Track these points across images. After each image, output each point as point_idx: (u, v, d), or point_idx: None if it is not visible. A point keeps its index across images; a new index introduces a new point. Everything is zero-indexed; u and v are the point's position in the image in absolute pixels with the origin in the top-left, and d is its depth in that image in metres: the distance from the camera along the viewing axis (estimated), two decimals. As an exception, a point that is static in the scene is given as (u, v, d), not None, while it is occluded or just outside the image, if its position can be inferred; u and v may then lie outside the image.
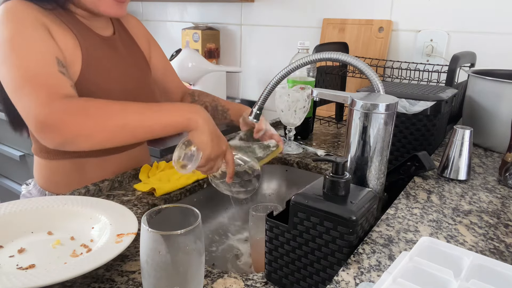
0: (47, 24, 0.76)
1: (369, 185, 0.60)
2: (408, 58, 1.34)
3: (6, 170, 2.08)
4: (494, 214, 0.63)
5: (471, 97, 0.98)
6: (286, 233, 0.52)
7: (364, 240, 0.52)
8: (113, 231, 0.59)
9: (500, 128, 0.91)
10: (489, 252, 0.51)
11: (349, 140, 0.60)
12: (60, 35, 0.77)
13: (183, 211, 0.46)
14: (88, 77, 0.80)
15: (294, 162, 1.02)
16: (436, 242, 0.43)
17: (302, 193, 0.51)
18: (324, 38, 1.52)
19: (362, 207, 0.49)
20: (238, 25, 1.79)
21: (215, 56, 1.86)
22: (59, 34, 0.77)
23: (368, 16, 1.43)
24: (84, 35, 0.82)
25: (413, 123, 0.84)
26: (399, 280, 0.37)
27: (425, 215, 0.61)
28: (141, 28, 1.02)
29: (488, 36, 1.23)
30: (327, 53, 0.71)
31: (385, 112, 0.57)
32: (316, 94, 0.68)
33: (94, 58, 0.82)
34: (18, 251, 0.58)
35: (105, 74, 0.84)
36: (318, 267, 0.50)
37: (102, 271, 0.56)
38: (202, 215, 0.45)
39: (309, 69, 1.09)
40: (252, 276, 0.56)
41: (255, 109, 0.82)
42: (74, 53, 0.79)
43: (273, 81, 0.79)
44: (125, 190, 0.82)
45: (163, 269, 0.41)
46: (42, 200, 0.69)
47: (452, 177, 0.76)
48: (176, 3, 2.00)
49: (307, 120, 1.14)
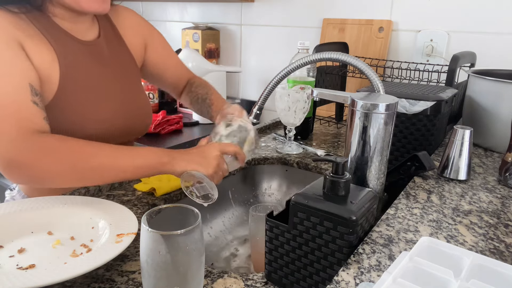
0: (20, 38, 0.71)
1: (369, 185, 0.60)
2: (408, 58, 1.34)
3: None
4: (494, 214, 0.63)
5: (471, 97, 0.98)
6: (286, 233, 0.52)
7: (364, 240, 0.52)
8: (113, 231, 0.59)
9: (500, 128, 0.91)
10: (489, 252, 0.51)
11: (349, 140, 0.60)
12: (35, 50, 0.72)
13: (183, 211, 0.46)
14: (67, 90, 0.76)
15: (294, 162, 1.02)
16: (436, 242, 0.43)
17: (302, 193, 0.51)
18: (324, 38, 1.52)
19: (362, 207, 0.49)
20: (238, 25, 1.79)
21: (215, 56, 1.86)
22: (33, 49, 0.72)
23: (368, 16, 1.43)
24: (62, 44, 0.77)
25: (413, 123, 0.84)
26: (399, 280, 0.37)
27: (425, 215, 0.61)
28: (135, 21, 0.95)
29: (488, 36, 1.23)
30: (327, 53, 0.71)
31: (385, 112, 0.57)
32: (316, 94, 0.68)
33: (73, 68, 0.77)
34: (18, 251, 0.58)
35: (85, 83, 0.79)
36: (318, 267, 0.50)
37: (102, 271, 0.56)
38: (202, 215, 0.45)
39: (309, 69, 1.09)
40: (252, 276, 0.56)
41: (255, 109, 0.82)
42: (50, 67, 0.74)
43: (273, 81, 0.79)
44: (125, 190, 0.82)
45: (163, 269, 0.41)
46: (42, 200, 0.69)
47: (452, 177, 0.76)
48: (176, 3, 2.00)
49: (307, 120, 1.14)
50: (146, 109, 0.93)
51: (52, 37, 0.76)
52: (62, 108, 0.75)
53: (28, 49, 0.72)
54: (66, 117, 0.76)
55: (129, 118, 0.87)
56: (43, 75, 0.73)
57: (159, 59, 0.99)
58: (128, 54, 0.91)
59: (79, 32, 0.81)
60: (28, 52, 0.72)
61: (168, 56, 1.02)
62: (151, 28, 0.99)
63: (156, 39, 0.99)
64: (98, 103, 0.81)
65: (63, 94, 0.76)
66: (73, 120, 0.77)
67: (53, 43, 0.75)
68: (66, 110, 0.76)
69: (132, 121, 0.88)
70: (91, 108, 0.80)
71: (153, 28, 1.00)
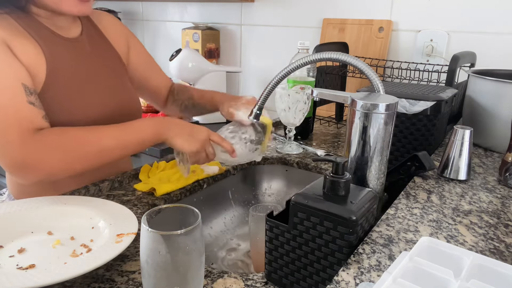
0: (6, 38, 0.71)
1: (369, 185, 0.60)
2: (408, 58, 1.34)
3: None
4: (494, 214, 0.63)
5: (471, 97, 0.98)
6: (286, 233, 0.52)
7: (364, 240, 0.52)
8: (113, 231, 0.59)
9: (500, 128, 0.91)
10: (489, 252, 0.52)
11: (349, 140, 0.60)
12: (21, 48, 0.73)
13: (183, 211, 0.46)
14: (54, 84, 0.77)
15: (294, 162, 1.02)
16: (436, 242, 0.43)
17: (302, 193, 0.51)
18: (324, 38, 1.52)
19: (362, 207, 0.49)
20: (238, 25, 1.79)
21: (215, 56, 1.86)
22: (19, 47, 0.73)
23: (368, 16, 1.43)
24: (47, 40, 0.77)
25: (413, 123, 0.84)
26: (399, 280, 0.37)
27: (425, 215, 0.61)
28: (117, 26, 0.97)
29: (488, 36, 1.23)
30: (327, 53, 0.71)
31: (385, 112, 0.57)
32: (316, 94, 0.68)
33: (59, 63, 0.78)
34: (18, 251, 0.58)
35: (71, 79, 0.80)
36: (318, 267, 0.50)
37: (102, 271, 0.56)
38: (202, 215, 0.45)
39: (309, 69, 1.09)
40: (252, 276, 0.56)
41: (255, 109, 0.82)
42: (37, 63, 0.75)
43: (273, 81, 0.79)
44: (125, 190, 0.82)
45: (163, 269, 0.41)
46: (42, 200, 0.69)
47: (452, 177, 0.76)
48: (176, 3, 2.00)
49: (307, 120, 1.14)
50: (133, 103, 0.93)
51: (37, 34, 0.76)
52: (48, 103, 0.76)
53: (14, 48, 0.72)
54: (53, 112, 0.77)
55: (117, 111, 0.87)
56: (31, 71, 0.74)
57: (140, 62, 1.00)
58: (112, 50, 0.92)
59: (63, 30, 0.82)
60: (14, 51, 0.72)
61: (148, 61, 1.04)
62: (131, 34, 1.02)
63: (137, 43, 1.01)
64: (85, 97, 0.82)
65: (49, 89, 0.76)
66: (60, 114, 0.77)
67: (39, 40, 0.76)
68: (53, 105, 0.76)
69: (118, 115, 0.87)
70: (78, 103, 0.80)
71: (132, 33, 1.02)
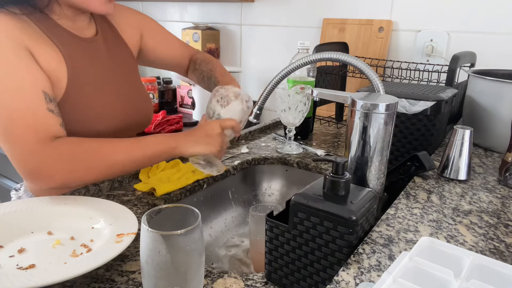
0: (27, 43, 0.71)
1: (369, 185, 0.60)
2: (408, 58, 1.34)
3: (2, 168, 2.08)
4: (494, 214, 0.63)
5: (471, 97, 0.98)
6: (286, 233, 0.52)
7: (364, 240, 0.52)
8: (113, 231, 0.59)
9: (500, 128, 0.91)
10: (489, 252, 0.51)
11: (349, 140, 0.60)
12: (42, 53, 0.73)
13: (183, 211, 0.46)
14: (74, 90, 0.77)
15: (294, 162, 1.02)
16: (436, 242, 0.43)
17: (302, 193, 0.51)
18: (324, 38, 1.52)
19: (362, 207, 0.49)
20: (238, 25, 1.79)
21: (215, 56, 1.86)
22: (41, 52, 0.73)
23: (368, 16, 1.43)
24: (66, 43, 0.78)
25: (413, 123, 0.84)
26: (399, 280, 0.37)
27: (425, 215, 0.61)
28: (130, 16, 0.97)
29: (488, 36, 1.23)
30: (327, 53, 0.71)
31: (385, 112, 0.57)
32: (316, 94, 0.68)
33: (79, 68, 0.79)
34: (18, 251, 0.58)
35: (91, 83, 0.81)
36: (318, 267, 0.50)
37: (102, 271, 0.56)
38: (202, 215, 0.45)
39: (309, 69, 1.09)
40: (252, 276, 0.56)
41: (255, 109, 0.82)
42: (58, 69, 0.75)
43: (273, 81, 0.79)
44: (125, 190, 0.82)
45: (163, 269, 0.41)
46: (42, 200, 0.69)
47: (452, 177, 0.76)
48: (176, 3, 2.00)
49: (307, 120, 1.14)
50: (147, 103, 0.95)
51: (57, 38, 0.76)
52: (71, 107, 0.77)
53: (36, 54, 0.72)
54: (75, 116, 0.78)
55: (133, 112, 0.89)
56: (52, 77, 0.75)
57: (156, 45, 1.01)
58: (126, 49, 0.93)
59: (79, 30, 0.82)
60: (36, 57, 0.72)
61: (165, 39, 1.04)
62: (144, 17, 1.01)
63: (150, 27, 1.01)
64: (104, 99, 0.83)
65: (71, 94, 0.77)
66: (81, 118, 0.79)
67: (58, 44, 0.76)
68: (75, 109, 0.77)
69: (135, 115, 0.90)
70: (99, 105, 0.81)
71: (145, 16, 1.02)
